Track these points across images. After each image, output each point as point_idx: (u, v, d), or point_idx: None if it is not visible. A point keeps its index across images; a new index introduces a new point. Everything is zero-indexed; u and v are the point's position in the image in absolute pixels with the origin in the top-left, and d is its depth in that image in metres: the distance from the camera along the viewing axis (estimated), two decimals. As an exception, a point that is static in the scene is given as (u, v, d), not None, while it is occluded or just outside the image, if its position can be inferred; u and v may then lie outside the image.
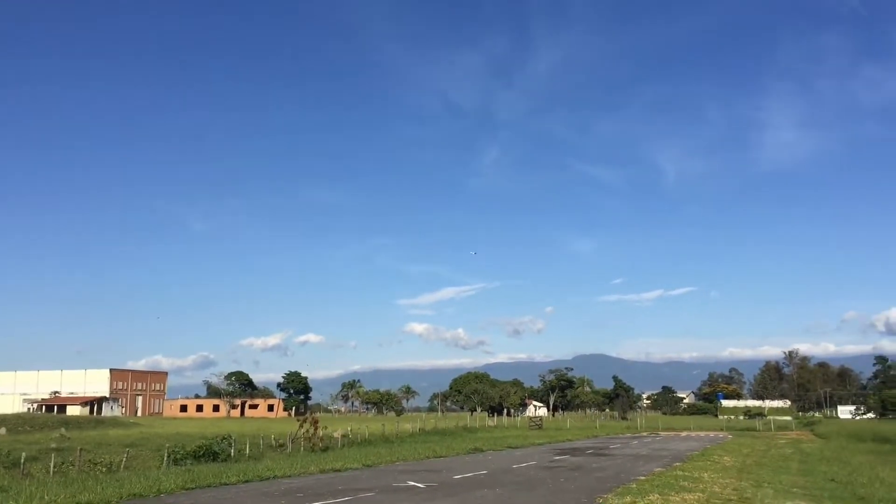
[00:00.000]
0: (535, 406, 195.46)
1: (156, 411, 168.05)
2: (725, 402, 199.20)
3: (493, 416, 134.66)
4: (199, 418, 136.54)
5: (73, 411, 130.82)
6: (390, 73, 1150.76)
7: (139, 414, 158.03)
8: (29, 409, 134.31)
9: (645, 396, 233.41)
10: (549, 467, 35.81)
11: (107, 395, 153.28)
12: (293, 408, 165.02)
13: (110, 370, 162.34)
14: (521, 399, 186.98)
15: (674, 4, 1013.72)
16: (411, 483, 27.75)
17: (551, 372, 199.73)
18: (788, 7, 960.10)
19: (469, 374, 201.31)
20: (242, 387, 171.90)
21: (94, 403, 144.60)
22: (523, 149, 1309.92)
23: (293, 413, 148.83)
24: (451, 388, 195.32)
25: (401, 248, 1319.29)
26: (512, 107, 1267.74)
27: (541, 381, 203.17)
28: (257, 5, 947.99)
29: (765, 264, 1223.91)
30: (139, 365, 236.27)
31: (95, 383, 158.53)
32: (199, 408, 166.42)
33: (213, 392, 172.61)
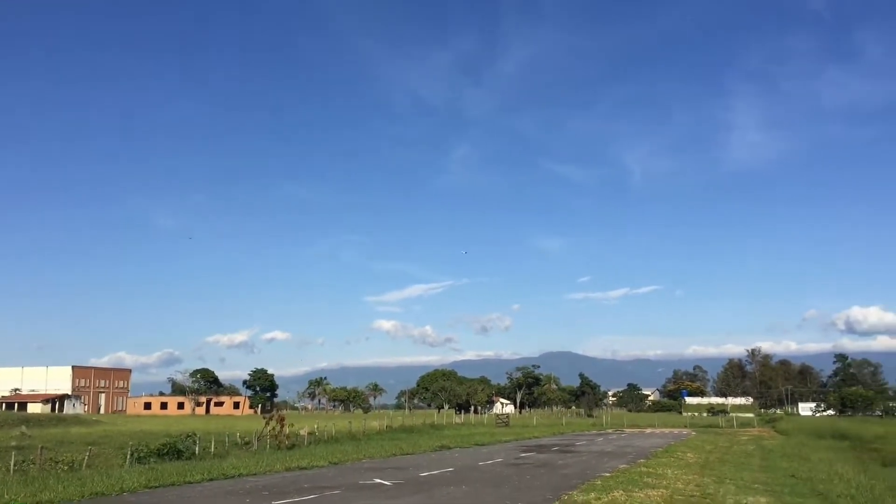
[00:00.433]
0: (502, 403, 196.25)
1: (119, 409, 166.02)
2: (689, 400, 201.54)
3: (461, 413, 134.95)
4: (164, 416, 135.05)
5: (35, 409, 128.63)
6: (360, 69, 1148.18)
7: (102, 412, 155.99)
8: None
9: (611, 394, 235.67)
10: (516, 464, 35.99)
11: (69, 393, 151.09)
12: (259, 405, 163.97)
13: (72, 367, 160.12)
14: (488, 396, 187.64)
15: (642, 5, 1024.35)
16: (378, 480, 27.74)
17: (518, 369, 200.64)
18: (754, 9, 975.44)
19: (436, 371, 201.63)
20: (208, 384, 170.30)
21: (56, 401, 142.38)
22: (492, 147, 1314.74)
23: (259, 411, 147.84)
24: (418, 386, 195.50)
25: (369, 244, 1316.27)
26: (481, 105, 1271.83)
27: (508, 378, 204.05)
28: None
29: (728, 263, 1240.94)
30: (102, 362, 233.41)
31: (57, 381, 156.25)
32: (164, 405, 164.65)
33: (177, 389, 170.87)
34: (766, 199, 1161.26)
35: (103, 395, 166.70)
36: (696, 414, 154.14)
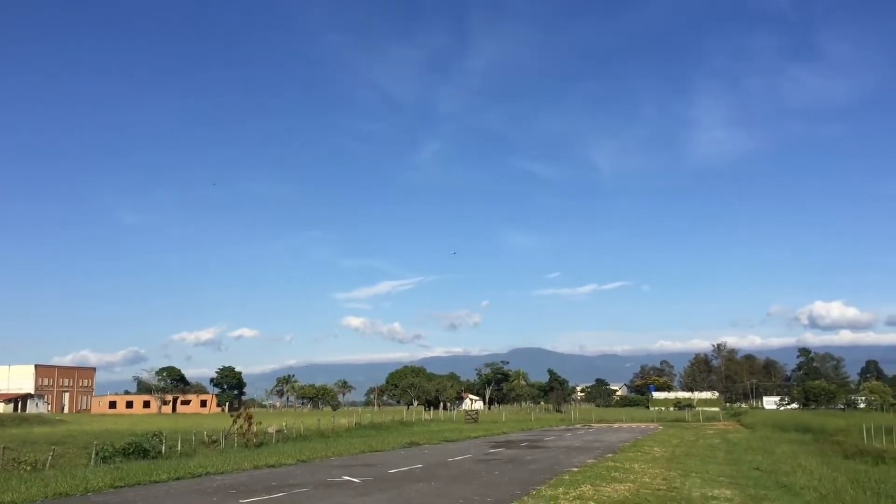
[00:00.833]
0: (471, 399, 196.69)
1: (84, 408, 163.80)
2: (657, 394, 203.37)
3: (430, 409, 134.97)
4: (129, 415, 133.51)
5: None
6: (328, 64, 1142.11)
7: (66, 411, 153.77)
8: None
9: (579, 389, 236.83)
10: (485, 460, 36.11)
11: (32, 392, 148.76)
12: (227, 403, 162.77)
13: (35, 366, 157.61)
14: (457, 393, 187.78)
15: (609, 3, 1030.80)
16: (346, 478, 27.68)
17: (487, 365, 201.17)
18: (719, 8, 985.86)
19: (405, 367, 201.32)
20: (174, 382, 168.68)
21: (19, 400, 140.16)
22: (462, 143, 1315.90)
23: (227, 409, 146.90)
24: (387, 383, 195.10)
25: (337, 241, 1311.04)
26: (450, 101, 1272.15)
27: (477, 374, 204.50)
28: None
29: (694, 259, 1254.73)
30: (66, 361, 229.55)
31: (19, 379, 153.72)
32: (129, 404, 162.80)
33: (143, 388, 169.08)
34: (731, 196, 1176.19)
35: (67, 395, 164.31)
36: (663, 408, 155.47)
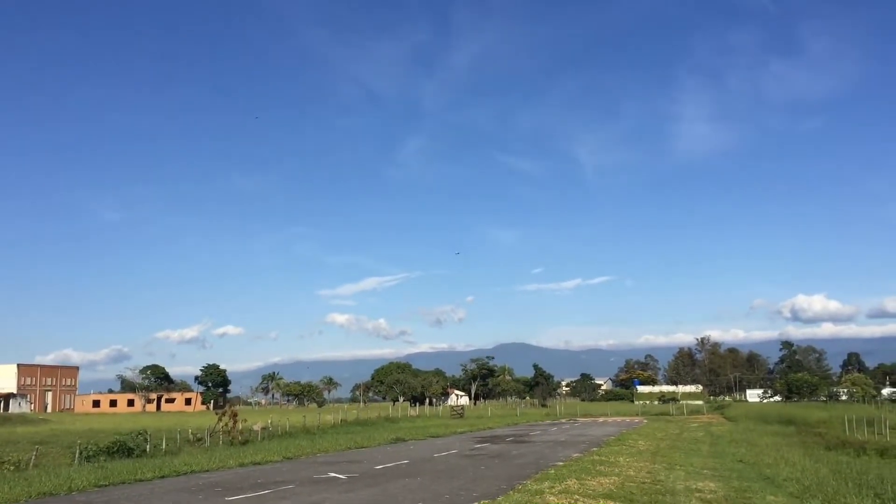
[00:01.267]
0: (456, 395, 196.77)
1: (67, 407, 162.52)
2: (641, 388, 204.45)
3: (415, 405, 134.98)
4: (113, 413, 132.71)
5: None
6: (311, 59, 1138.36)
7: (49, 410, 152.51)
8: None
9: (564, 384, 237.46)
10: (471, 455, 36.20)
11: (14, 392, 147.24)
12: (212, 401, 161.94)
13: (17, 365, 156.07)
14: (442, 388, 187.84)
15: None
16: (333, 474, 27.68)
17: (473, 361, 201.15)
18: (700, 3, 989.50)
19: (391, 364, 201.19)
20: (158, 381, 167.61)
21: (1, 400, 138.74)
22: (445, 139, 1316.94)
23: (212, 406, 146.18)
24: (373, 379, 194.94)
25: (321, 237, 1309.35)
26: (434, 97, 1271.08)
27: (462, 370, 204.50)
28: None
29: (678, 253, 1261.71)
30: (48, 359, 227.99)
31: (1, 379, 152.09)
32: (113, 403, 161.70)
33: (127, 386, 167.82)
34: (714, 190, 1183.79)
35: (50, 394, 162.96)
36: (647, 402, 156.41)
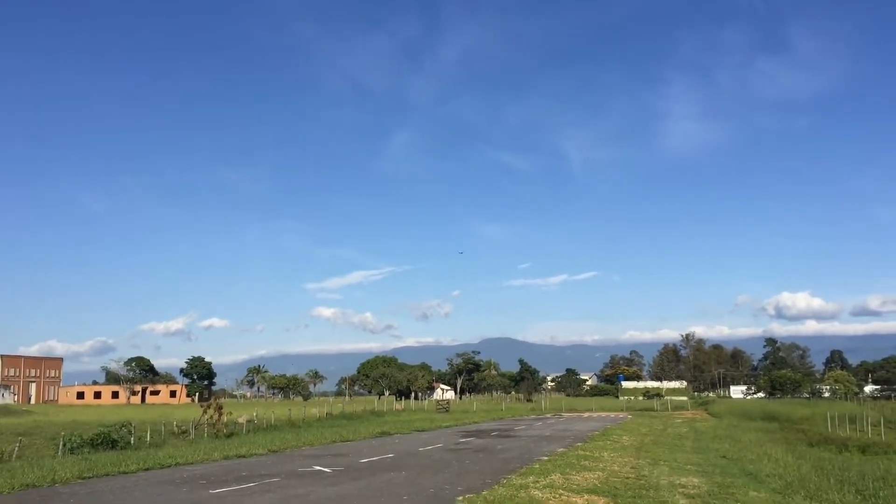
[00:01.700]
0: (442, 389, 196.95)
1: (51, 399, 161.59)
2: (626, 384, 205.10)
3: (401, 399, 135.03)
4: (98, 405, 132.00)
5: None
6: (300, 52, 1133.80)
7: (32, 402, 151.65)
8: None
9: (549, 379, 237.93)
10: (455, 449, 36.24)
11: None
12: (197, 394, 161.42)
13: (1, 356, 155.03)
14: (428, 383, 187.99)
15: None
16: (318, 468, 27.65)
17: (459, 356, 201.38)
18: (689, 0, 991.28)
19: (377, 358, 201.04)
20: (143, 373, 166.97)
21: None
22: (433, 132, 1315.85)
23: (197, 399, 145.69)
24: (358, 373, 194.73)
25: (308, 230, 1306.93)
26: (422, 90, 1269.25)
27: (448, 364, 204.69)
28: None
29: (664, 250, 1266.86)
30: (32, 350, 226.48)
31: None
32: (98, 394, 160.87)
33: (111, 378, 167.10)
34: (700, 187, 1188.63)
35: (34, 385, 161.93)
36: (632, 398, 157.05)
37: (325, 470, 26.83)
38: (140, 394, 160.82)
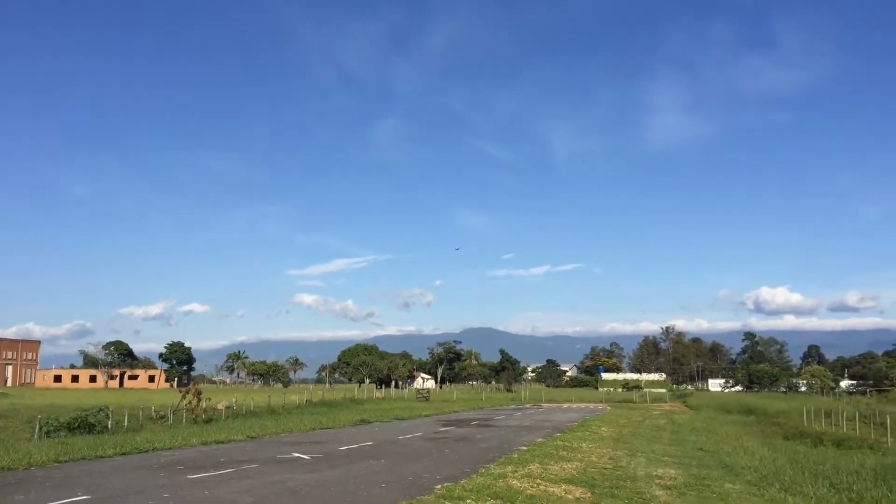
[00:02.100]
0: (423, 378, 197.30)
1: (27, 381, 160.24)
2: (606, 375, 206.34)
3: (381, 388, 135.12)
4: (75, 389, 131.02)
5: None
6: (285, 37, 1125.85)
7: (9, 384, 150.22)
8: None
9: (530, 369, 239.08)
10: (435, 438, 36.30)
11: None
12: (175, 379, 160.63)
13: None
14: (409, 371, 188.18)
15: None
16: (296, 455, 27.60)
17: (440, 345, 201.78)
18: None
19: (358, 345, 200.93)
20: (122, 357, 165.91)
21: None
22: (419, 121, 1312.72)
23: (175, 384, 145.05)
24: (339, 360, 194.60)
25: (291, 217, 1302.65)
26: (408, 79, 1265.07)
27: (429, 353, 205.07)
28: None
29: (646, 243, 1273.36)
30: (9, 333, 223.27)
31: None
32: (75, 378, 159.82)
33: (89, 362, 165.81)
34: (683, 181, 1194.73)
35: (10, 368, 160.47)
36: (611, 389, 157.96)
37: (304, 457, 26.79)
38: (118, 378, 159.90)
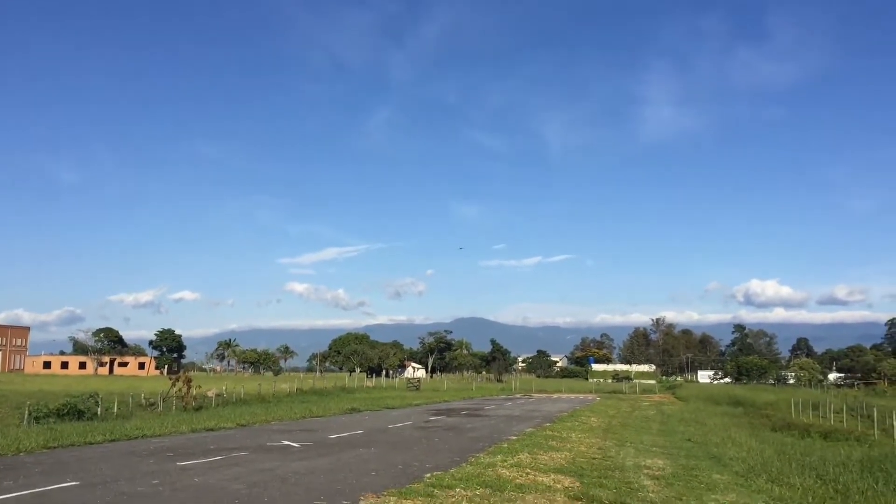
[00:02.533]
0: (413, 368, 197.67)
1: (16, 368, 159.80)
2: (596, 366, 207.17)
3: (372, 377, 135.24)
4: (64, 376, 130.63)
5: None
6: (279, 26, 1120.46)
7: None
8: None
9: (520, 360, 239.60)
10: (425, 427, 36.37)
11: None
12: (166, 366, 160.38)
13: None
14: (400, 360, 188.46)
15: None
16: (286, 442, 27.62)
17: (430, 334, 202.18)
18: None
19: (349, 334, 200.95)
20: (112, 344, 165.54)
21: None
22: (412, 111, 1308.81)
23: (166, 372, 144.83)
24: (330, 349, 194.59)
25: (283, 205, 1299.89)
26: (402, 68, 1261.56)
27: (420, 343, 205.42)
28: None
29: (637, 235, 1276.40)
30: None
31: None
32: (65, 365, 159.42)
33: (79, 349, 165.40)
34: (675, 173, 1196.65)
35: (0, 354, 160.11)
36: (601, 380, 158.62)
37: (294, 445, 26.81)
38: (108, 365, 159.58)
